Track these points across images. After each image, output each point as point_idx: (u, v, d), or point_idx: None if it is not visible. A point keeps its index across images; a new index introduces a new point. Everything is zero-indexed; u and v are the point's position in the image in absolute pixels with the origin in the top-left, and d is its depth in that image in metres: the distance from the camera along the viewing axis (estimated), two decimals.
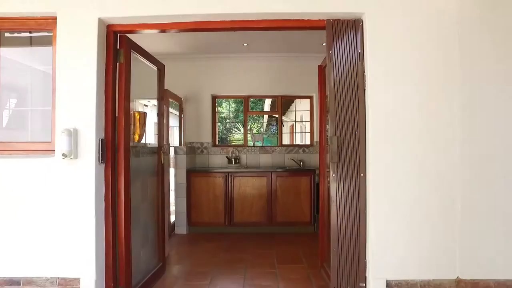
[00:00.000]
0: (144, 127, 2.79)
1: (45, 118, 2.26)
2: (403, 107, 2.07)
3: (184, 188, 4.30)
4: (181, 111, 4.85)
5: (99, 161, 2.10)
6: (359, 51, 2.12)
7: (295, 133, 8.85)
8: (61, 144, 2.03)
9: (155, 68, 2.82)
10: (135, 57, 2.40)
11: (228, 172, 4.32)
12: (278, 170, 4.34)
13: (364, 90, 2.08)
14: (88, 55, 2.09)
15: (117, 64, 2.20)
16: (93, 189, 2.07)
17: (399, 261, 2.06)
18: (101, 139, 2.13)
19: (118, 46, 2.25)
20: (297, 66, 4.94)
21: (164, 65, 2.93)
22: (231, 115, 7.36)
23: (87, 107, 2.08)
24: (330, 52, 2.12)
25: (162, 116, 2.91)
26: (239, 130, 13.15)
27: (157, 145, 2.82)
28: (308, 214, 4.32)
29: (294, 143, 5.02)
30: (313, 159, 4.91)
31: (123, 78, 2.19)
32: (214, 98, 5.06)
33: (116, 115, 2.18)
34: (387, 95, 2.07)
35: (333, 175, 2.00)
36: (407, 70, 2.10)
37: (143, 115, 2.78)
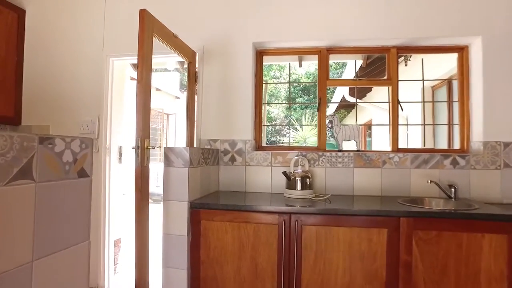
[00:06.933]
0: None
1: None
2: None
3: (185, 247, 1.85)
4: (192, 77, 2.45)
5: None
6: None
7: (376, 125, 4.76)
8: None
9: None
10: None
11: (291, 214, 1.78)
12: (413, 209, 1.70)
13: None
14: None
15: None
16: None
17: None
18: None
19: None
20: None
21: None
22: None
23: None
24: None
25: None
26: (296, 130, 9.80)
27: None
28: None
29: (433, 147, 2.31)
30: (480, 184, 2.17)
31: None
32: (259, 54, 2.57)
33: None
34: None
35: None
36: None
37: None
